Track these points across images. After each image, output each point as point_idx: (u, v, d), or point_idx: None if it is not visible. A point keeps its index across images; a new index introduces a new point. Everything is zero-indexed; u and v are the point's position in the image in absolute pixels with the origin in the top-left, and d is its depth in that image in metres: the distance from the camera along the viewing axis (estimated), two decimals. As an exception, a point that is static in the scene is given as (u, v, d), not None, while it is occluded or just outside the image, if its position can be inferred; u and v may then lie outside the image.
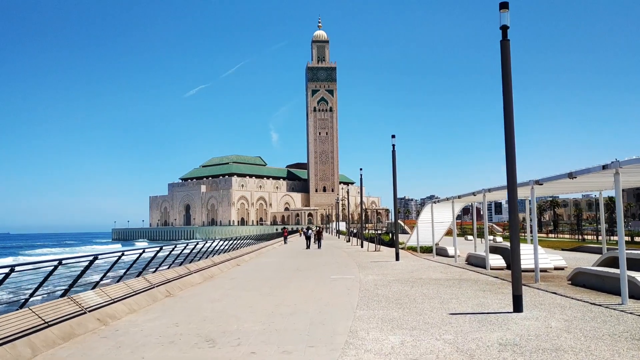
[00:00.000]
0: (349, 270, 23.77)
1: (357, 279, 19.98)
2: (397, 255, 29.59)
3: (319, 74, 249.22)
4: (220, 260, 26.92)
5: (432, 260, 29.27)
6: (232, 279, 21.39)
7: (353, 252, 39.83)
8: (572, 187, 19.43)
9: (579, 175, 14.26)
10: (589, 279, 15.53)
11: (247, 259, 33.38)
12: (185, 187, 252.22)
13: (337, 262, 29.27)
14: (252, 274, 23.28)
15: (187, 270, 20.65)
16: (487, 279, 18.81)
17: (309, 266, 26.89)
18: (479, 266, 23.45)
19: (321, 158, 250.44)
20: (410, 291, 15.83)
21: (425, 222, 36.13)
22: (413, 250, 39.32)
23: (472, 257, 25.39)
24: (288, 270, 25.04)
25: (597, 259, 28.00)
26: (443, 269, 23.11)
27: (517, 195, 11.70)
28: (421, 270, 22.80)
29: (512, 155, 11.68)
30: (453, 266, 24.59)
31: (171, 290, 16.97)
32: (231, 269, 26.10)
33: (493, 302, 13.17)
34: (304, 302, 14.28)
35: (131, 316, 12.71)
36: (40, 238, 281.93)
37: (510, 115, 11.76)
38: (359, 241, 54.20)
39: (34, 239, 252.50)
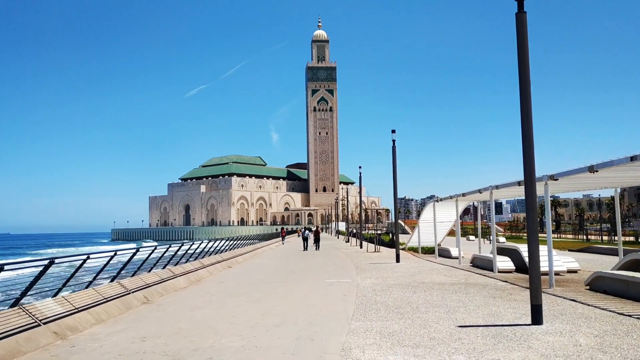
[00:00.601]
0: (346, 273, 22.25)
1: (355, 283, 18.46)
2: (397, 257, 28.08)
3: (319, 74, 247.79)
4: (210, 262, 25.40)
5: (435, 262, 27.74)
6: (220, 282, 19.86)
7: (352, 253, 38.31)
8: (589, 183, 17.88)
9: (602, 168, 12.75)
10: (611, 284, 14.00)
11: (240, 260, 31.86)
12: (185, 187, 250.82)
13: (334, 264, 27.75)
14: (242, 278, 21.76)
15: (170, 273, 19.13)
16: (496, 283, 17.28)
17: (304, 268, 25.38)
18: (485, 269, 21.92)
19: (321, 158, 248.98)
20: (412, 297, 14.31)
21: (427, 221, 34.61)
22: (414, 251, 37.79)
23: (477, 258, 23.86)
24: (282, 273, 23.52)
25: (615, 261, 26.67)
26: (447, 272, 21.58)
27: (535, 190, 10.18)
28: (423, 273, 21.28)
29: (529, 144, 10.15)
30: (457, 268, 23.06)
31: (150, 296, 15.45)
32: (221, 272, 24.57)
33: (506, 312, 11.64)
34: (294, 310, 12.77)
35: (96, 328, 11.19)
36: (41, 238, 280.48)
37: (528, 98, 10.21)
38: (359, 242, 52.60)
39: (35, 239, 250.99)
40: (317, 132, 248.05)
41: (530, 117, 10.12)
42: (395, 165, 28.36)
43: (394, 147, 28.32)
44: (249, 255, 36.38)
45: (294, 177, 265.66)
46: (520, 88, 10.30)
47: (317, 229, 48.42)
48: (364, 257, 33.07)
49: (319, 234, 46.57)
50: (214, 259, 26.92)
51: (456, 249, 30.06)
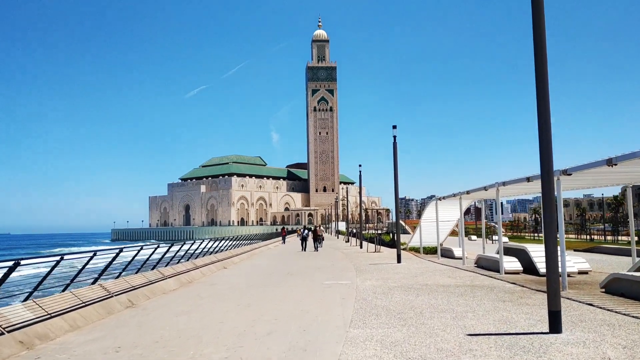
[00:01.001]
0: (345, 275, 21.24)
1: (354, 285, 17.44)
2: (398, 257, 27.06)
3: (319, 74, 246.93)
4: (204, 262, 24.39)
5: (437, 262, 26.72)
6: (213, 284, 18.85)
7: (352, 254, 37.29)
8: (605, 179, 16.84)
9: (622, 161, 11.74)
10: (630, 287, 12.98)
11: (236, 260, 30.85)
12: (185, 187, 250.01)
13: (333, 265, 26.73)
14: (236, 279, 20.74)
15: (160, 274, 18.12)
16: (504, 285, 16.26)
17: (301, 269, 24.37)
18: (491, 269, 20.91)
19: (321, 158, 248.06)
20: (416, 301, 13.30)
21: (429, 220, 33.61)
22: (415, 251, 36.79)
23: (482, 259, 22.84)
24: (278, 274, 22.51)
25: (625, 262, 25.73)
26: (451, 273, 20.57)
27: (553, 184, 9.17)
28: (426, 275, 20.27)
29: (546, 132, 9.13)
30: (461, 269, 22.05)
31: (135, 300, 14.44)
32: (215, 273, 23.56)
33: (519, 318, 10.63)
34: (288, 316, 11.76)
35: (69, 336, 10.19)
36: (41, 238, 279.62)
37: (544, 80, 9.20)
38: (359, 242, 51.54)
39: (34, 240, 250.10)
40: (317, 132, 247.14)
41: (547, 101, 9.11)
42: (396, 161, 27.37)
43: (394, 143, 27.32)
44: (246, 256, 35.39)
45: (294, 177, 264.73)
46: (536, 69, 9.30)
47: (316, 229, 46.90)
48: (364, 258, 32.06)
49: (317, 233, 45.20)
50: (208, 259, 25.92)
51: (459, 249, 29.06)
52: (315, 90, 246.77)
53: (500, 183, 19.21)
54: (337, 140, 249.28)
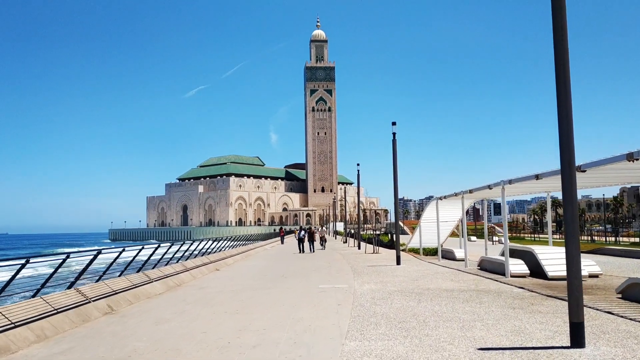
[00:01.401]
0: (342, 277, 20.19)
1: (351, 289, 16.39)
2: (397, 259, 26.03)
3: (317, 74, 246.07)
4: (195, 264, 23.35)
5: (438, 264, 25.69)
6: (201, 288, 17.79)
7: (349, 255, 36.24)
8: (621, 176, 15.79)
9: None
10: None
11: (230, 262, 29.80)
12: (183, 188, 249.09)
13: (329, 267, 25.67)
14: (227, 282, 19.68)
15: (145, 277, 17.07)
16: (512, 290, 15.22)
17: (296, 272, 23.32)
18: (496, 272, 19.87)
19: (320, 158, 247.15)
20: (418, 308, 12.26)
21: (429, 221, 32.59)
22: (415, 252, 35.76)
23: (486, 261, 21.81)
24: (272, 276, 21.45)
25: (633, 264, 24.83)
26: (453, 276, 19.53)
27: (575, 179, 8.13)
28: (427, 278, 19.23)
29: (567, 123, 8.11)
30: (464, 272, 21.02)
31: (115, 305, 13.40)
32: (207, 275, 22.52)
33: (533, 328, 9.59)
34: (278, 324, 10.71)
35: (34, 348, 9.15)
36: (38, 238, 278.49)
37: (565, 63, 8.18)
38: (357, 242, 50.31)
39: (32, 239, 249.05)
40: (316, 132, 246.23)
41: (569, 84, 8.09)
42: (395, 158, 26.35)
43: (394, 140, 26.31)
44: (240, 257, 34.34)
45: (292, 177, 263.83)
46: (555, 55, 8.28)
47: (312, 230, 45.24)
48: (362, 259, 31.02)
49: (313, 235, 43.65)
50: (200, 261, 24.88)
51: (461, 250, 28.05)
52: (313, 91, 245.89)
53: (506, 181, 18.20)
54: (336, 141, 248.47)
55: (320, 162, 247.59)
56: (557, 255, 18.24)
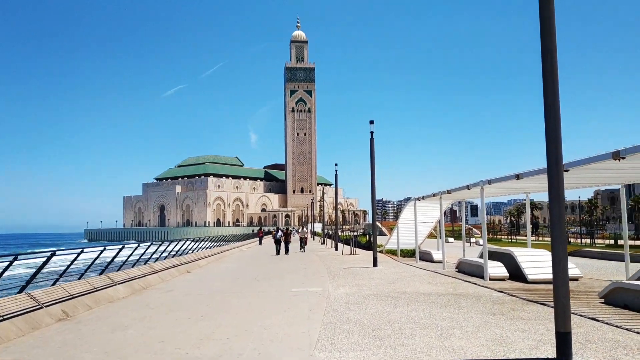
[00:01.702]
0: (317, 280, 19.47)
1: (325, 292, 15.69)
2: (374, 261, 25.41)
3: (297, 74, 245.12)
4: (164, 266, 22.45)
5: (416, 266, 25.15)
6: (168, 292, 16.94)
7: (326, 256, 35.55)
8: (606, 177, 15.33)
9: (631, 154, 10.21)
10: (635, 298, 11.45)
11: (203, 263, 28.90)
12: (160, 188, 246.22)
13: (305, 269, 24.93)
14: (196, 285, 18.84)
15: (108, 280, 16.17)
16: (491, 294, 14.66)
17: (270, 274, 22.55)
18: (474, 275, 19.35)
19: (299, 159, 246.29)
20: (393, 313, 11.60)
21: (406, 222, 32.06)
22: (392, 253, 35.23)
23: (464, 263, 21.28)
24: (244, 279, 20.64)
25: (610, 266, 24.40)
26: (431, 279, 18.95)
27: (562, 175, 7.51)
28: (404, 280, 18.61)
29: (555, 118, 7.50)
30: (442, 275, 20.46)
31: (72, 311, 12.51)
32: (176, 278, 21.63)
33: (515, 336, 8.99)
34: (244, 332, 9.96)
35: (-31, 360, 8.29)
36: (11, 238, 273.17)
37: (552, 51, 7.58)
38: (334, 243, 49.54)
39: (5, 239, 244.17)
40: (295, 133, 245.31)
41: (556, 75, 7.49)
42: (373, 158, 25.76)
43: (371, 139, 25.71)
44: (214, 259, 33.42)
45: (271, 178, 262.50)
46: (542, 45, 7.68)
47: (287, 231, 41.93)
48: (338, 261, 30.34)
49: (288, 236, 40.79)
50: (170, 262, 23.98)
51: (439, 252, 27.56)
52: (293, 91, 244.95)
53: (485, 181, 17.67)
54: (315, 142, 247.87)
55: (300, 163, 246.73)
56: (537, 258, 17.80)
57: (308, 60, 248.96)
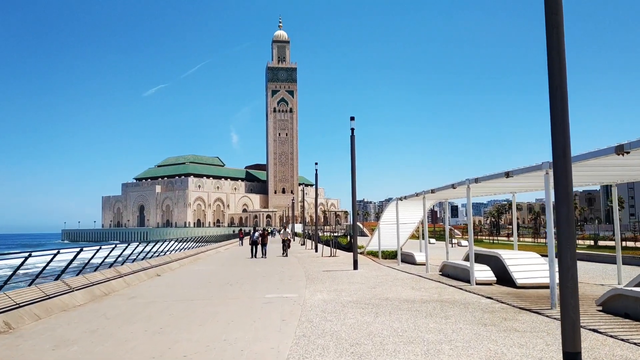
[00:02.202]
0: (293, 285, 18.28)
1: (301, 299, 14.51)
2: (355, 263, 24.30)
3: (279, 74, 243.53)
4: (131, 269, 21.10)
5: (398, 269, 24.09)
6: (132, 298, 15.63)
7: (305, 258, 34.39)
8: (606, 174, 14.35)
9: (636, 148, 9.21)
10: (637, 307, 10.46)
11: (175, 266, 27.56)
12: (140, 188, 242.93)
13: (281, 272, 23.72)
14: (163, 291, 17.52)
15: (64, 286, 14.82)
16: (479, 300, 13.61)
17: (244, 278, 21.31)
18: (459, 279, 18.32)
19: (281, 159, 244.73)
20: (374, 324, 10.47)
21: (388, 222, 31.03)
22: (374, 255, 34.19)
23: (448, 266, 20.25)
24: (216, 284, 19.38)
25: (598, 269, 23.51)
26: (414, 283, 17.88)
27: (570, 169, 6.43)
28: (386, 285, 17.51)
29: (563, 102, 6.43)
30: (426, 279, 19.41)
31: (16, 322, 11.17)
32: (144, 282, 20.30)
33: (513, 354, 7.90)
34: (204, 350, 8.74)
35: None
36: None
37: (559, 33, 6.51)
38: (314, 244, 48.22)
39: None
40: (277, 133, 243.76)
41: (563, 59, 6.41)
42: (353, 156, 24.65)
43: (352, 137, 24.60)
44: (189, 260, 32.07)
45: (252, 178, 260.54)
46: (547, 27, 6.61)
47: (264, 232, 37.54)
48: (318, 263, 29.18)
49: (266, 237, 36.89)
50: (139, 265, 22.64)
51: (421, 254, 26.59)
52: (275, 91, 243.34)
53: (472, 180, 16.65)
54: (297, 142, 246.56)
55: (281, 163, 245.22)
56: (526, 261, 16.84)
57: (290, 60, 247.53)
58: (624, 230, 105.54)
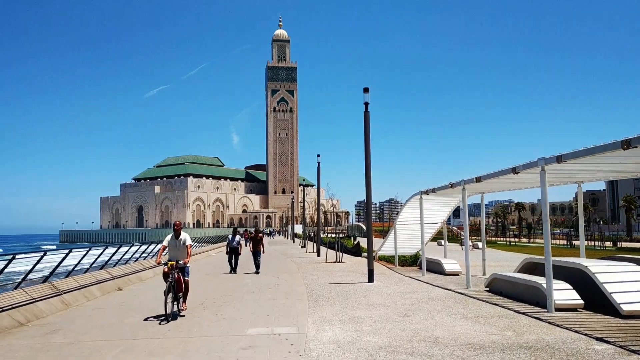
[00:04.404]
0: (290, 309, 13.07)
1: (301, 340, 9.31)
2: (370, 274, 19.14)
3: (279, 74, 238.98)
4: (78, 283, 15.96)
5: (424, 281, 18.94)
6: (51, 332, 10.44)
7: (306, 264, 29.18)
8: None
9: None
10: None
11: (148, 275, 22.35)
12: (138, 188, 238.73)
13: (276, 286, 18.45)
14: (106, 318, 12.23)
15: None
16: (591, 346, 8.39)
17: (226, 294, 16.12)
18: (522, 300, 13.13)
19: (280, 159, 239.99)
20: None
21: (407, 222, 25.87)
22: (386, 261, 29.05)
23: (502, 281, 14.93)
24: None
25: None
26: (463, 307, 12.66)
27: None
28: (424, 311, 12.29)
29: None
30: (472, 298, 14.20)
31: None
32: (91, 302, 15.11)
33: None
34: None
35: None
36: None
37: None
38: (316, 247, 42.24)
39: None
40: (277, 133, 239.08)
41: None
42: (368, 136, 19.53)
43: (366, 113, 19.53)
44: (168, 267, 26.86)
45: (252, 178, 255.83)
46: None
47: (259, 235, 24.82)
48: (321, 272, 23.96)
49: (260, 242, 24.44)
50: (93, 277, 17.51)
51: (451, 261, 21.52)
52: (275, 91, 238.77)
53: (542, 160, 11.47)
54: (297, 142, 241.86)
55: (281, 164, 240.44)
56: (626, 277, 11.66)
57: (290, 59, 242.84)
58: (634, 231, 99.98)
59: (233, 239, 23.98)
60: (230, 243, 24.01)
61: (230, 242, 24.01)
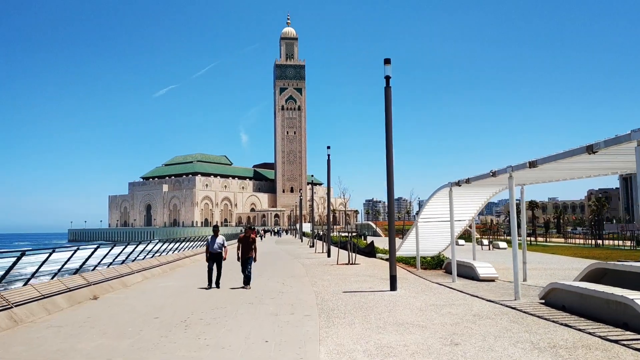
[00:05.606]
0: (295, 330, 10.02)
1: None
2: (392, 281, 16.08)
3: (287, 72, 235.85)
4: (40, 293, 13.05)
5: (458, 289, 15.86)
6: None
7: (315, 266, 26.14)
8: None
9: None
10: None
11: (135, 280, 19.46)
12: (147, 187, 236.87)
13: (279, 294, 15.41)
14: (54, 342, 9.25)
15: None
16: None
17: (217, 308, 13.10)
18: (596, 319, 10.07)
19: (289, 158, 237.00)
20: None
21: (432, 218, 22.76)
22: (406, 263, 26.03)
23: (564, 292, 11.78)
24: (161, 324, 11.06)
25: None
26: (525, 331, 9.55)
27: None
28: (476, 336, 9.21)
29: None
30: (530, 315, 11.09)
31: None
32: (52, 315, 12.17)
33: None
34: None
35: None
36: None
37: None
38: (326, 247, 38.68)
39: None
40: (285, 132, 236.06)
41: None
42: (389, 114, 16.46)
43: (387, 88, 16.46)
44: (162, 270, 23.97)
45: (260, 177, 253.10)
46: None
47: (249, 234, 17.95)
48: (333, 277, 20.91)
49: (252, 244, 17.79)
50: (62, 283, 14.63)
51: (485, 265, 18.44)
52: (283, 89, 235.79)
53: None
54: (305, 140, 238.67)
55: (290, 162, 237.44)
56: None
57: (298, 57, 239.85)
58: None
59: (213, 242, 17.84)
60: (210, 247, 17.90)
61: (210, 245, 17.89)
